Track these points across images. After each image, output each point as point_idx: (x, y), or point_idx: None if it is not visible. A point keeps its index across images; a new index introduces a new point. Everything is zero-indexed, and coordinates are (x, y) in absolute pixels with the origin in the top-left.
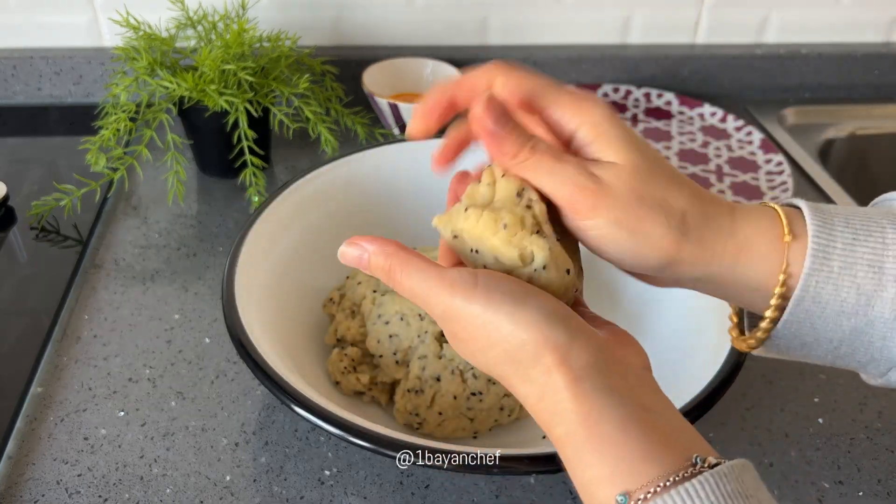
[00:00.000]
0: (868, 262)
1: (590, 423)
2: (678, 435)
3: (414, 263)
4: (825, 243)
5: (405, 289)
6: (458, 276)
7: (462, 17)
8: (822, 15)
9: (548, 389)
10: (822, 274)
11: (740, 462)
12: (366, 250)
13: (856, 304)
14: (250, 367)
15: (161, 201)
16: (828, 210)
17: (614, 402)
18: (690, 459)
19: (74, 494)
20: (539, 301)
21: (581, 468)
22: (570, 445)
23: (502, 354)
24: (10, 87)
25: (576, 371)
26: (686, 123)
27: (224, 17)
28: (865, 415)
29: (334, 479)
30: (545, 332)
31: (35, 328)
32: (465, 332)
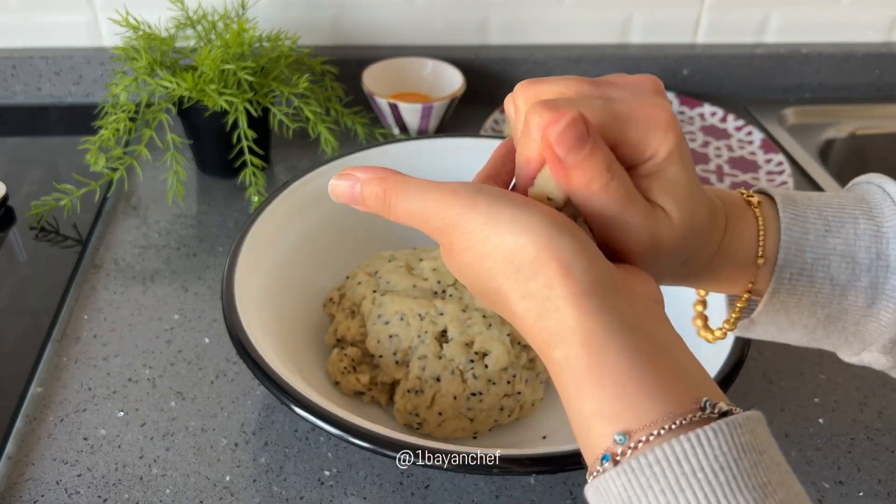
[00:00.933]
0: (840, 253)
1: (593, 345)
2: (688, 374)
3: (411, 182)
4: (798, 236)
5: (402, 212)
6: (461, 187)
7: (462, 17)
8: (823, 15)
9: (549, 304)
10: (795, 266)
11: (755, 414)
12: (357, 179)
13: (830, 294)
14: (250, 368)
15: (161, 201)
16: (801, 201)
17: (621, 328)
18: (699, 402)
19: (74, 494)
20: (545, 210)
21: (579, 398)
22: (568, 371)
23: (500, 263)
24: (10, 87)
25: (581, 285)
26: (686, 123)
27: (224, 17)
28: (865, 415)
29: (334, 479)
30: (549, 236)
31: (35, 328)
32: (463, 241)
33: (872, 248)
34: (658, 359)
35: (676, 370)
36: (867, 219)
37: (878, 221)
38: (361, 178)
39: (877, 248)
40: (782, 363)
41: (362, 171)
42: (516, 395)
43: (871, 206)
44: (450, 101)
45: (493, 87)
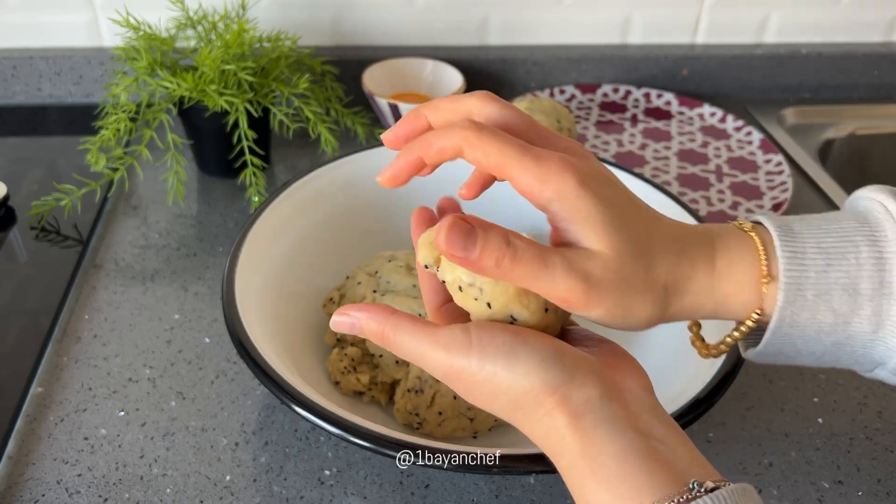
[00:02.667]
0: (842, 286)
1: (590, 455)
2: (676, 460)
3: (404, 327)
4: (797, 275)
5: (402, 351)
6: (451, 337)
7: (462, 17)
8: (822, 15)
9: (551, 428)
10: (796, 304)
11: (741, 486)
12: (357, 319)
13: (833, 324)
14: (250, 367)
15: (161, 201)
16: (799, 234)
17: (614, 434)
18: (687, 484)
19: (74, 494)
20: (531, 347)
21: (584, 496)
22: (573, 476)
23: (508, 403)
24: (10, 87)
25: (575, 408)
26: (686, 123)
27: (224, 17)
28: (865, 415)
29: (334, 479)
30: (542, 377)
31: (35, 328)
32: (469, 388)
33: (875, 277)
34: (649, 452)
35: (667, 458)
36: (869, 244)
37: (881, 247)
38: (360, 318)
39: (880, 277)
40: None
41: (359, 311)
42: None
43: (874, 229)
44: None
45: (493, 87)
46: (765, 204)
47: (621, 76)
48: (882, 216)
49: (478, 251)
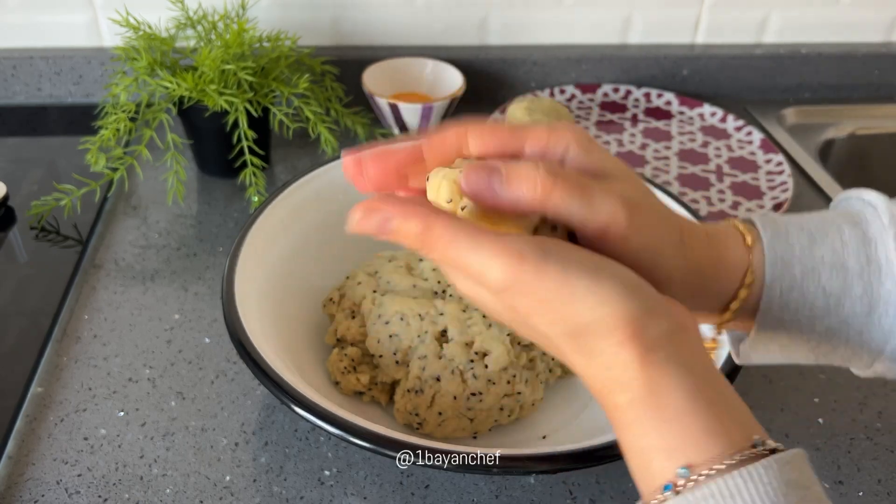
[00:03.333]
0: (830, 263)
1: (658, 392)
2: (740, 413)
3: (463, 231)
4: (782, 251)
5: (451, 257)
6: (525, 245)
7: (462, 17)
8: (822, 15)
9: (616, 360)
10: (784, 281)
11: (799, 452)
12: (391, 217)
13: (825, 306)
14: (250, 367)
15: (161, 201)
16: (781, 219)
17: (684, 374)
18: (752, 440)
19: (74, 494)
20: (615, 271)
21: (641, 435)
22: (631, 412)
23: (570, 328)
24: (10, 87)
25: (648, 342)
26: (686, 123)
27: (224, 17)
28: (865, 415)
29: (334, 479)
30: (624, 305)
31: (35, 328)
32: (530, 307)
33: (861, 253)
34: (714, 400)
35: (730, 410)
36: (851, 226)
37: (863, 227)
38: (396, 214)
39: (866, 253)
40: None
41: (396, 207)
42: (516, 395)
43: (854, 215)
44: (450, 102)
45: (493, 87)
46: (765, 204)
47: (621, 76)
48: (860, 206)
49: (504, 182)
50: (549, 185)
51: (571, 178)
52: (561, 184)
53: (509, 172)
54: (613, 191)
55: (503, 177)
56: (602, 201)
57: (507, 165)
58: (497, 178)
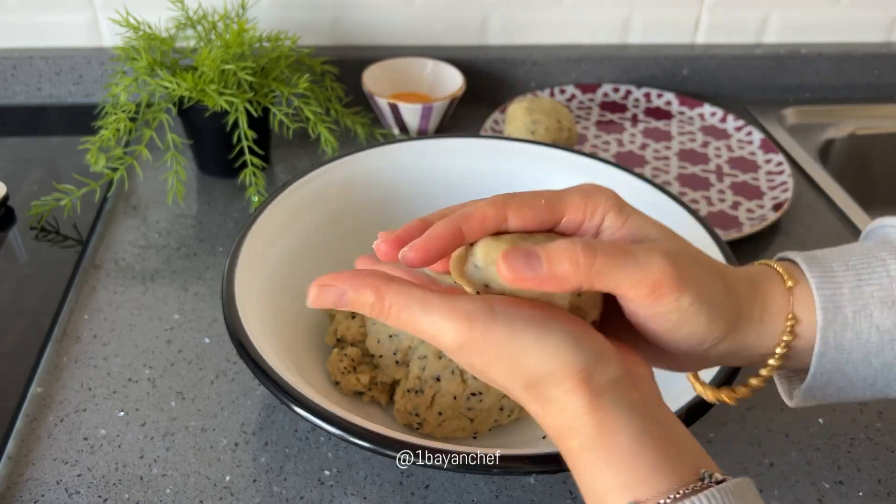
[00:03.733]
0: (879, 299)
1: (606, 435)
2: (687, 449)
3: (414, 297)
4: (831, 292)
5: (407, 323)
6: (473, 307)
7: (462, 17)
8: (823, 15)
9: (568, 406)
10: (837, 324)
11: (744, 480)
12: (345, 290)
13: (879, 342)
14: (250, 367)
15: (161, 201)
16: (823, 257)
17: (631, 416)
18: (699, 473)
19: (74, 494)
20: (562, 324)
21: (592, 476)
22: (583, 456)
23: (524, 381)
24: (10, 87)
25: (596, 388)
26: (686, 123)
27: (224, 17)
28: (865, 415)
29: (334, 479)
30: (572, 356)
31: (35, 328)
32: (484, 364)
33: None
34: (661, 438)
35: (678, 446)
36: (894, 258)
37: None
38: (349, 288)
39: None
40: None
41: (347, 281)
42: None
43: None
44: (450, 102)
45: (493, 87)
46: (765, 204)
47: (621, 76)
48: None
49: (544, 264)
50: (591, 256)
51: (611, 246)
52: (601, 253)
53: (548, 252)
54: (656, 249)
55: (541, 259)
56: (648, 260)
57: (544, 246)
58: (536, 261)
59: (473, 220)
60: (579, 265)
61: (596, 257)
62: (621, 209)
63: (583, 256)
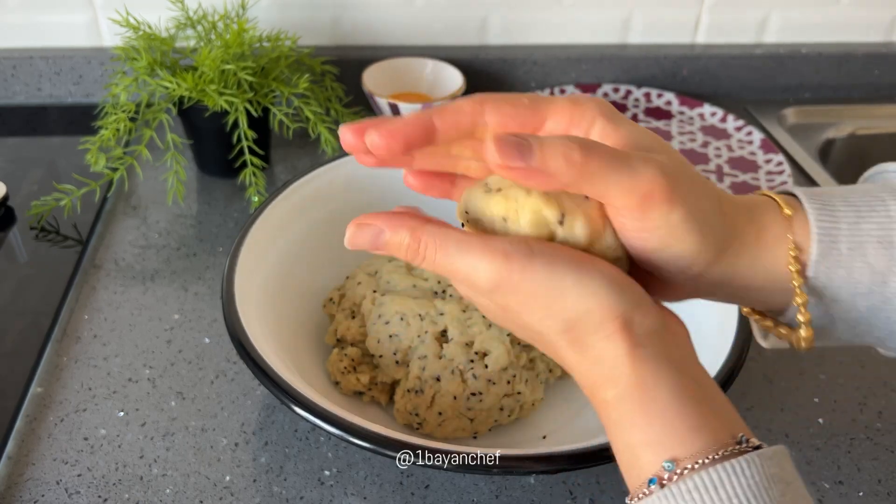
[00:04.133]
0: (877, 238)
1: (645, 387)
2: (725, 411)
3: (450, 236)
4: (829, 226)
5: (443, 263)
6: (511, 246)
7: (462, 17)
8: (823, 15)
9: (606, 354)
10: (831, 258)
11: (781, 448)
12: (381, 230)
13: (870, 283)
14: (250, 368)
15: (161, 201)
16: (825, 192)
17: (671, 371)
18: (736, 437)
19: (74, 494)
20: (601, 267)
21: (628, 430)
22: (619, 408)
23: (561, 324)
24: (10, 86)
25: (637, 337)
26: (686, 123)
27: (224, 17)
28: (866, 415)
29: (334, 479)
30: (612, 298)
31: (35, 328)
32: (520, 304)
33: None
34: (700, 398)
35: (716, 408)
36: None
37: None
38: (385, 227)
39: None
40: (782, 363)
41: (384, 221)
42: (516, 395)
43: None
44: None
45: (493, 87)
46: None
47: (621, 76)
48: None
49: (537, 154)
50: (585, 155)
51: (606, 148)
52: (596, 154)
53: (542, 144)
54: (652, 160)
55: (534, 150)
56: (643, 169)
57: (538, 138)
58: (528, 151)
59: (447, 113)
60: (573, 163)
61: (591, 157)
62: (613, 116)
63: (578, 154)
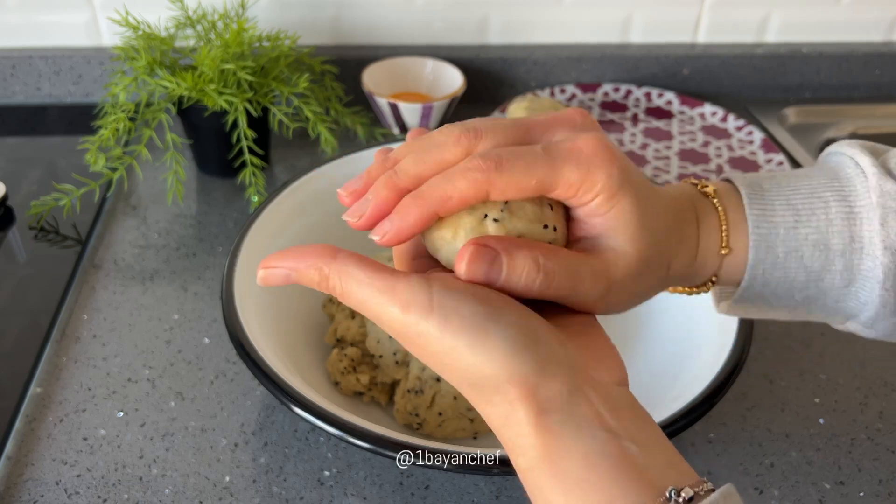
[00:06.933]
0: (812, 242)
1: (553, 458)
2: (653, 464)
3: (353, 275)
4: (767, 231)
5: (351, 302)
6: (410, 294)
7: (462, 16)
8: (823, 14)
9: (510, 419)
10: (767, 262)
11: (724, 491)
12: (291, 269)
13: (805, 280)
14: (250, 368)
15: (160, 201)
16: (768, 189)
17: (582, 435)
18: (663, 493)
19: (73, 495)
20: (503, 326)
21: (543, 502)
22: (532, 478)
23: (463, 380)
24: (10, 86)
25: (541, 404)
26: (687, 123)
27: (223, 17)
28: (866, 415)
29: (334, 479)
30: (510, 365)
31: (34, 328)
32: (424, 353)
33: (845, 232)
34: (620, 456)
35: (639, 464)
36: (839, 200)
37: (851, 201)
38: (297, 267)
39: (850, 232)
40: (782, 363)
41: (294, 258)
42: None
43: (843, 184)
44: (450, 101)
45: (493, 86)
46: None
47: (622, 75)
48: (852, 171)
49: (503, 276)
50: (543, 289)
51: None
52: (556, 285)
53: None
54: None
55: (503, 269)
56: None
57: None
58: (497, 270)
59: (452, 204)
60: (530, 292)
61: (550, 288)
62: (612, 195)
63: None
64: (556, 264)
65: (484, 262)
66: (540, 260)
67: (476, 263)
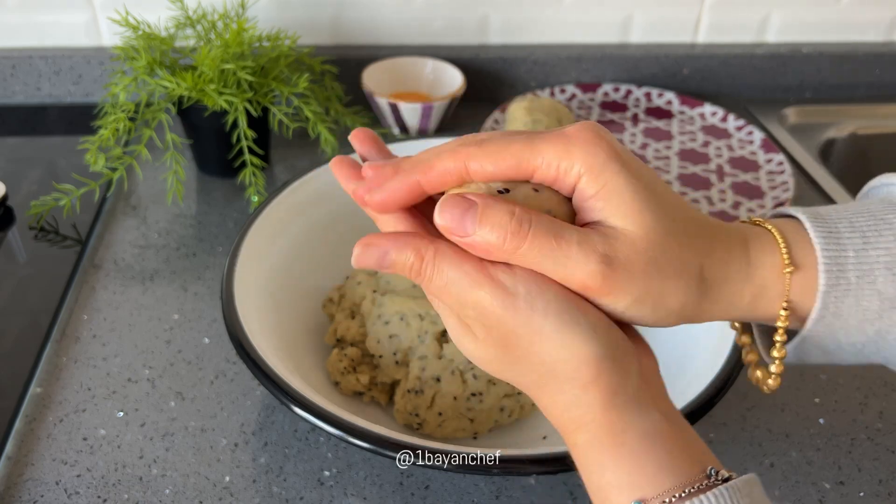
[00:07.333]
0: (885, 264)
1: (615, 433)
2: (694, 445)
3: (447, 255)
4: (836, 254)
5: (440, 282)
6: (502, 275)
7: (462, 16)
8: (823, 14)
9: (581, 402)
10: (839, 288)
11: (750, 477)
12: (387, 250)
13: (879, 309)
14: (250, 368)
15: (160, 201)
16: (829, 216)
17: (640, 414)
18: (705, 471)
19: (73, 495)
20: (583, 311)
21: (599, 472)
22: (590, 451)
23: (538, 366)
24: (10, 86)
25: (613, 386)
26: (687, 123)
27: (223, 17)
28: (866, 415)
29: (334, 479)
30: (589, 348)
31: (34, 328)
32: (500, 339)
33: None
34: (669, 435)
35: (684, 443)
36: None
37: None
38: (392, 248)
39: None
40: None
41: (389, 240)
42: (516, 395)
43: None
44: (450, 101)
45: (493, 86)
46: (766, 203)
47: (622, 75)
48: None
49: (477, 224)
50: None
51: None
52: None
53: (483, 213)
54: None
55: (477, 216)
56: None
57: (486, 203)
58: (472, 217)
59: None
60: (504, 243)
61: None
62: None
63: (510, 238)
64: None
65: (459, 208)
66: (516, 211)
67: (451, 209)
